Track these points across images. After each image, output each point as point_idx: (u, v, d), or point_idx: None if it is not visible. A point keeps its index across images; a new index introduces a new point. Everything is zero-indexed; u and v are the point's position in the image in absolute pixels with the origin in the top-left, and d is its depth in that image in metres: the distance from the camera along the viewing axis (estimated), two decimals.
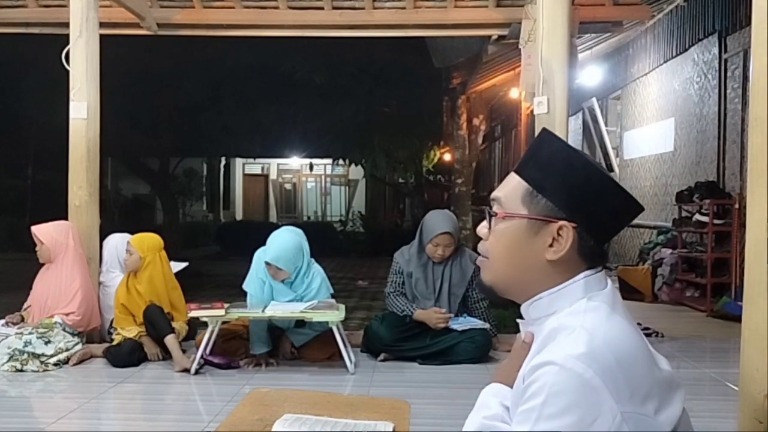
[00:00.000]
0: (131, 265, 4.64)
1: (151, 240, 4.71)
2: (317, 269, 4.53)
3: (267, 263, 4.35)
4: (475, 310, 4.68)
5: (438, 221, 4.59)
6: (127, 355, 4.37)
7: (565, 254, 1.18)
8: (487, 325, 4.56)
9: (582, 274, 1.19)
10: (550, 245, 1.18)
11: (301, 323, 4.46)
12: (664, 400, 1.11)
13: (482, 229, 1.27)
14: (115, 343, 4.52)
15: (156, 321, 4.41)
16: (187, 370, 4.21)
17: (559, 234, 1.18)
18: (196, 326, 4.76)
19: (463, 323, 4.52)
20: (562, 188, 1.18)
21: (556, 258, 1.18)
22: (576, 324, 1.12)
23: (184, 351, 4.43)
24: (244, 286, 4.50)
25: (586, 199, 1.18)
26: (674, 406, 1.13)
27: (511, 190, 1.23)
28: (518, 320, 1.29)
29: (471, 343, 4.47)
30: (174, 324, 4.54)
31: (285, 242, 4.39)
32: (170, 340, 4.35)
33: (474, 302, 4.69)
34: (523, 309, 1.25)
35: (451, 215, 4.89)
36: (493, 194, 1.26)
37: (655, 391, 1.10)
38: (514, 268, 1.22)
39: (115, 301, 4.63)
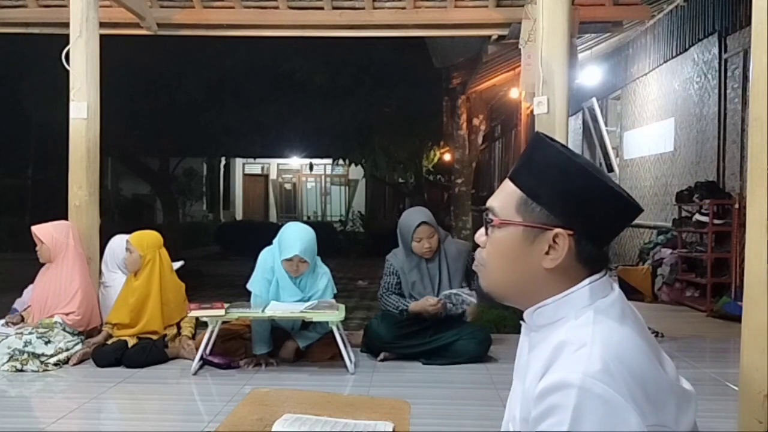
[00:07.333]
0: (131, 264, 4.61)
1: (150, 238, 4.68)
2: (325, 270, 4.52)
3: (288, 259, 4.30)
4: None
5: (411, 217, 4.61)
6: (111, 353, 4.37)
7: (562, 262, 1.15)
8: (474, 294, 4.50)
9: (587, 280, 1.16)
10: (547, 253, 1.16)
11: (306, 325, 4.45)
12: (678, 407, 1.10)
13: (480, 237, 1.25)
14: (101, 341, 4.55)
15: (151, 357, 4.41)
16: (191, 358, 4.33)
17: (555, 242, 1.15)
18: (195, 326, 4.77)
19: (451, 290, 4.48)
20: (556, 195, 1.16)
21: (554, 266, 1.16)
22: (586, 338, 1.09)
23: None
24: (249, 286, 4.47)
25: (582, 206, 1.15)
26: (689, 415, 1.11)
27: (505, 197, 1.21)
28: (521, 321, 1.28)
29: (472, 339, 4.48)
30: (182, 330, 4.66)
31: (305, 234, 4.42)
32: (173, 352, 4.52)
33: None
34: (526, 315, 1.23)
35: (423, 208, 4.88)
36: (489, 202, 1.24)
37: (668, 398, 1.09)
38: (511, 276, 1.20)
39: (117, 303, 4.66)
